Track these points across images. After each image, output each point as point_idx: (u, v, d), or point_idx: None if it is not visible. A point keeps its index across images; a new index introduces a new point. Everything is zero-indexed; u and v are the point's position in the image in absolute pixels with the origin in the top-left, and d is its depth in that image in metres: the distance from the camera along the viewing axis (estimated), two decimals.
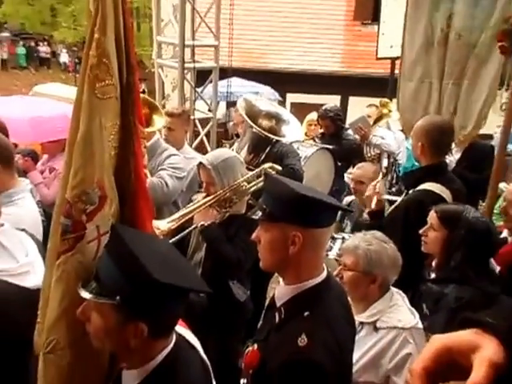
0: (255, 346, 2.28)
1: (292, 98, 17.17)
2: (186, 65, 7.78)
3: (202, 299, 3.59)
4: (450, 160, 5.50)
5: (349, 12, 18.16)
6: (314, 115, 7.71)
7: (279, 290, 2.31)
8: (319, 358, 2.00)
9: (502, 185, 4.67)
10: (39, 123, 5.76)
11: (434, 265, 3.35)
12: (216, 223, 3.85)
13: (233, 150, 5.24)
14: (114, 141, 2.11)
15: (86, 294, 1.87)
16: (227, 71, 8.94)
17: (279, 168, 4.61)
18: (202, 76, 8.42)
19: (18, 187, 3.28)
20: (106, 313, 1.84)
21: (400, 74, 5.86)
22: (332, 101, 10.14)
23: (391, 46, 9.74)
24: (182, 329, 2.11)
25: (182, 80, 7.87)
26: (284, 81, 16.41)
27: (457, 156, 5.99)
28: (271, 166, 4.54)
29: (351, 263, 2.86)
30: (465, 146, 5.63)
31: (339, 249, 4.38)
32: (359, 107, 9.18)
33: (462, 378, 0.85)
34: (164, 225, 3.81)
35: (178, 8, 7.58)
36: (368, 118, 7.43)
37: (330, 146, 6.44)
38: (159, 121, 5.02)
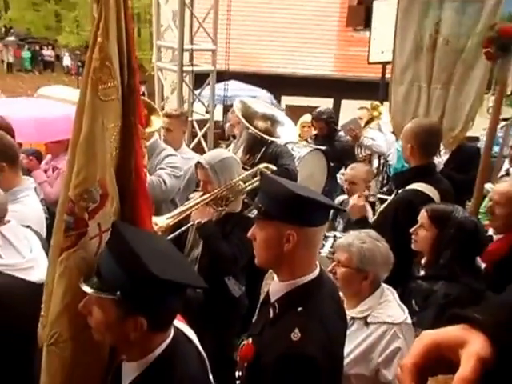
0: (250, 340, 2.28)
1: (287, 100, 17.19)
2: (184, 68, 7.77)
3: (198, 295, 3.59)
4: (439, 161, 5.51)
5: (341, 18, 18.19)
6: (307, 117, 7.72)
7: (273, 286, 2.31)
8: (312, 351, 2.00)
9: (487, 185, 4.66)
10: (43, 124, 5.77)
11: (423, 262, 3.35)
12: (212, 221, 3.84)
13: (229, 150, 5.24)
14: (116, 141, 2.11)
15: (87, 289, 1.88)
16: (224, 74, 8.92)
17: (274, 168, 4.60)
18: (200, 79, 8.41)
19: (23, 185, 3.28)
20: (107, 307, 1.85)
21: (391, 78, 5.86)
22: (325, 103, 10.18)
23: (382, 52, 9.73)
24: (179, 323, 2.11)
25: (180, 83, 7.86)
26: (279, 84, 16.43)
27: (445, 157, 5.99)
28: (266, 166, 4.53)
29: (345, 260, 2.86)
30: (453, 147, 5.64)
31: (331, 246, 4.39)
32: (351, 110, 9.20)
33: (451, 372, 0.85)
34: (162, 221, 3.81)
35: (178, 14, 7.57)
36: (359, 120, 7.44)
37: (323, 147, 6.46)
38: (157, 122, 5.01)
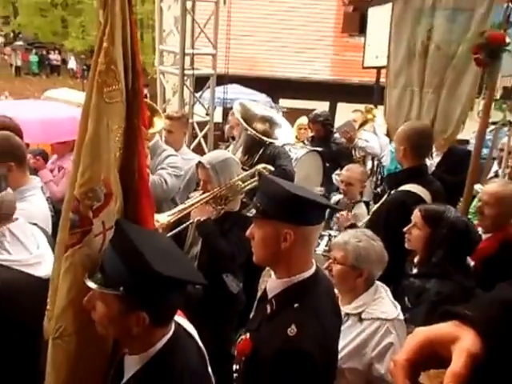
0: (247, 335, 2.28)
1: (284, 103, 17.18)
2: (185, 71, 7.78)
3: (197, 291, 3.59)
4: (431, 163, 5.52)
5: (337, 25, 18.19)
6: (303, 119, 7.71)
7: (271, 283, 2.31)
8: (308, 346, 2.00)
9: (477, 186, 4.66)
10: (50, 125, 5.77)
11: (416, 261, 3.35)
12: (211, 219, 3.84)
13: (228, 151, 5.24)
14: (120, 142, 2.11)
15: (91, 285, 1.88)
16: (224, 78, 8.93)
17: (272, 168, 4.61)
18: (201, 82, 8.41)
19: (30, 184, 3.28)
20: (110, 302, 1.85)
21: (386, 83, 5.87)
22: (321, 106, 10.13)
23: (376, 57, 9.73)
24: (180, 318, 2.11)
25: (181, 86, 7.87)
26: (277, 87, 16.42)
27: (437, 159, 6.01)
28: (264, 166, 4.53)
29: (341, 257, 2.85)
30: (444, 150, 5.65)
31: (326, 245, 4.39)
32: (346, 112, 9.19)
33: (442, 367, 0.85)
34: (164, 218, 3.83)
35: (179, 19, 7.58)
36: (354, 123, 7.44)
37: (319, 149, 6.45)
38: (159, 123, 5.02)
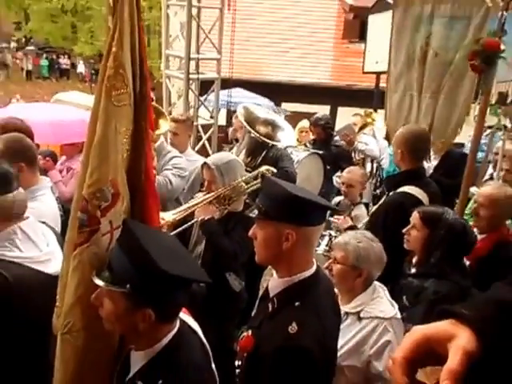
0: (249, 332, 2.28)
1: (286, 106, 17.17)
2: (190, 76, 7.80)
3: (201, 289, 3.59)
4: (428, 166, 5.52)
5: (338, 31, 18.34)
6: (305, 123, 7.70)
7: (272, 282, 2.30)
8: (308, 344, 2.00)
9: (472, 189, 4.65)
10: (59, 127, 5.76)
11: (414, 261, 3.34)
12: (215, 218, 3.85)
13: (232, 153, 5.25)
14: (127, 144, 2.11)
15: (99, 282, 1.89)
16: (228, 82, 8.94)
17: (274, 170, 4.62)
18: (205, 86, 8.42)
19: (40, 184, 3.29)
20: (117, 299, 1.85)
21: (387, 87, 5.88)
22: (322, 110, 10.15)
23: (376, 62, 9.77)
24: (185, 316, 2.12)
25: (186, 89, 7.89)
26: (279, 91, 16.39)
27: (435, 162, 6.01)
28: (267, 168, 4.54)
29: (341, 257, 2.85)
30: (442, 153, 5.64)
31: (326, 245, 4.40)
32: (346, 116, 9.18)
33: (439, 364, 0.85)
34: (169, 216, 3.84)
35: (185, 25, 7.60)
36: (354, 126, 7.44)
37: (320, 151, 6.45)
38: (164, 125, 5.05)
